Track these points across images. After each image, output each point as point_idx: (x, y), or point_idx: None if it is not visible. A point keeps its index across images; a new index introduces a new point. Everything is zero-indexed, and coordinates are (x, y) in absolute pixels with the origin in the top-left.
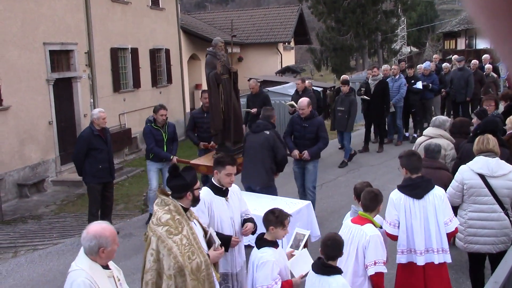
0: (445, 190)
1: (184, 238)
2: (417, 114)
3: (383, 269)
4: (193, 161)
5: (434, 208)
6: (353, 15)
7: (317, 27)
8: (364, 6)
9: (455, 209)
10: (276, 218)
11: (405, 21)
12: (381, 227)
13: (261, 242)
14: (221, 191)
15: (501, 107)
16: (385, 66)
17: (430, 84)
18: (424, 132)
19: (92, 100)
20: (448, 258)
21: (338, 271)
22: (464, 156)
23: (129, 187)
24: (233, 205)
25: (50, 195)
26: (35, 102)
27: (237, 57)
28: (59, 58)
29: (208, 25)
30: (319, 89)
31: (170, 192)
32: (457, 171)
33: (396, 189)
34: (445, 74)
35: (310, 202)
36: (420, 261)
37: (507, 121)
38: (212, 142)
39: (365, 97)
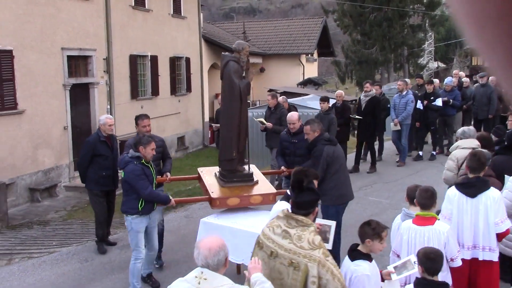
0: None
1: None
2: (436, 132)
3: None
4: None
5: (486, 208)
6: (379, 29)
7: (343, 40)
8: (390, 20)
9: None
10: (373, 230)
11: (433, 36)
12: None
13: (355, 254)
14: None
15: None
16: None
17: (451, 100)
18: (461, 145)
19: (109, 107)
20: (494, 257)
21: (447, 287)
22: (498, 168)
23: None
24: None
25: (61, 201)
26: (50, 107)
27: (259, 67)
28: (77, 63)
29: (231, 35)
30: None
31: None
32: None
33: (453, 186)
34: (466, 88)
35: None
36: (466, 255)
37: None
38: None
39: (356, 116)
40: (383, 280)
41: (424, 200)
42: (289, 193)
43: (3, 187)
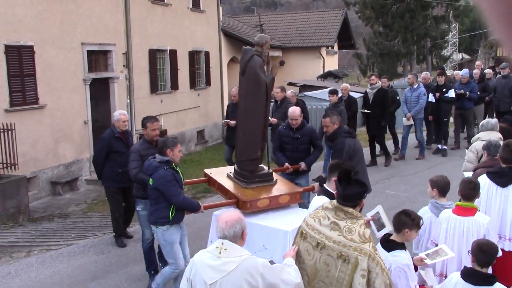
0: None
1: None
2: (447, 125)
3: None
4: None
5: None
6: (401, 20)
7: (364, 32)
8: (413, 11)
9: None
10: (412, 221)
11: (457, 27)
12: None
13: (391, 244)
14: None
15: None
16: (424, 74)
17: (468, 93)
18: (480, 137)
19: (128, 101)
20: None
21: (495, 280)
22: None
23: None
24: None
25: (82, 194)
26: (71, 101)
27: (279, 60)
28: (97, 58)
29: (251, 28)
30: (358, 95)
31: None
32: None
33: (485, 174)
34: (488, 80)
35: None
36: (506, 246)
37: None
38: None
39: (365, 110)
40: (415, 268)
41: (468, 191)
42: (327, 187)
43: (24, 181)
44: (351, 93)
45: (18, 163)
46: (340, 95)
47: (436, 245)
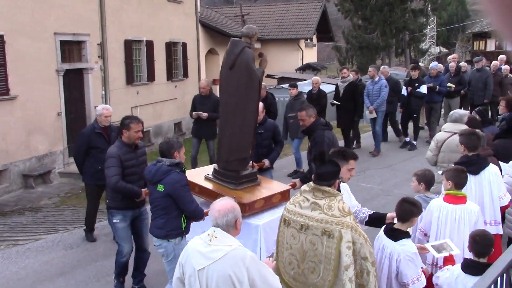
0: None
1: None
2: (418, 120)
3: None
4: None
5: (489, 183)
6: (380, 13)
7: (344, 25)
8: (392, 5)
9: None
10: (418, 208)
11: (435, 21)
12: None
13: (397, 233)
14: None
15: None
16: (382, 68)
17: (438, 86)
18: (444, 128)
19: (103, 92)
20: (500, 230)
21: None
22: (501, 152)
23: None
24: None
25: (55, 187)
26: (43, 92)
27: (257, 53)
28: (71, 48)
29: (229, 19)
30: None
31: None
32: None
33: (453, 166)
34: (464, 73)
35: None
36: (494, 230)
37: None
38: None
39: (335, 102)
40: None
41: (461, 180)
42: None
43: None
44: (324, 86)
45: None
46: (312, 88)
47: (425, 234)
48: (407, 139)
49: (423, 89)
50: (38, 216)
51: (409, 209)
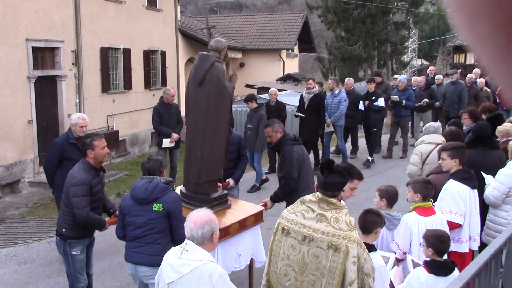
0: None
1: None
2: (378, 136)
3: None
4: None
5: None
6: (362, 25)
7: (327, 36)
8: (374, 17)
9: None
10: (381, 219)
11: (417, 34)
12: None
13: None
14: None
15: None
16: (347, 80)
17: (404, 100)
18: (425, 140)
19: (77, 100)
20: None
21: (455, 265)
22: (468, 164)
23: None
24: None
25: (24, 197)
26: (13, 99)
27: (239, 62)
28: (43, 55)
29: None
30: None
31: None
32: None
33: (455, 181)
34: (438, 86)
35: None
36: (474, 246)
37: (497, 131)
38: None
39: (299, 114)
40: None
41: (429, 191)
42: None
43: None
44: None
45: None
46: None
47: (405, 253)
48: (370, 158)
49: (380, 101)
50: (0, 228)
51: (373, 220)
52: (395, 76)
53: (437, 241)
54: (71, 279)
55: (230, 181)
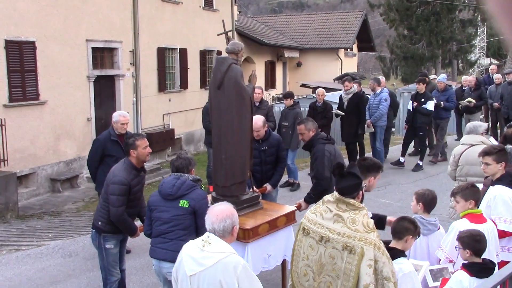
0: None
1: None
2: (424, 140)
3: None
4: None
5: None
6: (426, 23)
7: (388, 35)
8: (438, 14)
9: None
10: (415, 228)
11: (485, 31)
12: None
13: (394, 252)
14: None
15: None
16: (464, 77)
17: (442, 102)
18: (461, 141)
19: (135, 99)
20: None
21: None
22: None
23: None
24: None
25: (81, 192)
26: (74, 98)
27: (296, 62)
28: (102, 55)
29: (269, 28)
30: None
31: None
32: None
33: (504, 187)
34: (497, 86)
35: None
36: None
37: None
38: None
39: (339, 112)
40: None
41: (479, 195)
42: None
43: (13, 178)
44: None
45: (8, 159)
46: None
47: (451, 261)
48: (402, 159)
49: (430, 105)
50: (55, 221)
51: (406, 226)
52: (464, 76)
53: (473, 241)
54: (104, 272)
55: (268, 186)
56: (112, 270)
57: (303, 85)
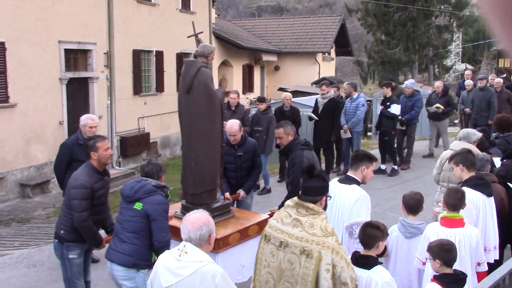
0: (504, 204)
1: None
2: (391, 143)
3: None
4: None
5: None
6: (403, 29)
7: (366, 40)
8: (415, 20)
9: None
10: (382, 232)
11: (461, 37)
12: None
13: (370, 261)
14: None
15: None
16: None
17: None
18: (451, 146)
19: (109, 102)
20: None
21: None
22: (511, 175)
23: None
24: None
25: (53, 197)
26: (45, 101)
27: (274, 65)
28: (76, 57)
29: (247, 32)
30: None
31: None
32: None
33: (469, 188)
34: (468, 92)
35: None
36: (490, 258)
37: None
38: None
39: (313, 115)
40: None
41: (455, 200)
42: (352, 175)
43: None
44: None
45: None
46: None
47: (424, 263)
48: (383, 166)
49: (394, 109)
50: (23, 228)
51: (374, 234)
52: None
53: (442, 251)
54: (67, 284)
55: (241, 192)
56: (76, 282)
57: (280, 89)
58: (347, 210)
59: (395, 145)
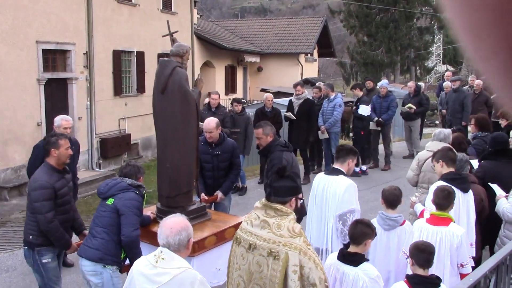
0: (484, 205)
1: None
2: (362, 143)
3: (472, 263)
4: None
5: (472, 203)
6: (385, 30)
7: (349, 41)
8: (397, 22)
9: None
10: (372, 230)
11: (442, 39)
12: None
13: (358, 258)
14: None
15: None
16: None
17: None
18: (427, 147)
19: (88, 103)
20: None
21: (440, 281)
22: (488, 176)
23: None
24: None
25: None
26: (23, 101)
27: (257, 66)
28: (54, 57)
29: (230, 33)
30: None
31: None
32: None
33: (444, 183)
34: (446, 94)
35: None
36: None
37: None
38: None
39: (290, 114)
40: None
41: (440, 199)
42: (339, 168)
43: None
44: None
45: None
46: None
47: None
48: (364, 167)
49: (362, 109)
50: None
51: (364, 231)
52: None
53: (416, 250)
54: None
55: (219, 194)
56: (54, 287)
57: (263, 90)
58: (337, 200)
59: (365, 145)
